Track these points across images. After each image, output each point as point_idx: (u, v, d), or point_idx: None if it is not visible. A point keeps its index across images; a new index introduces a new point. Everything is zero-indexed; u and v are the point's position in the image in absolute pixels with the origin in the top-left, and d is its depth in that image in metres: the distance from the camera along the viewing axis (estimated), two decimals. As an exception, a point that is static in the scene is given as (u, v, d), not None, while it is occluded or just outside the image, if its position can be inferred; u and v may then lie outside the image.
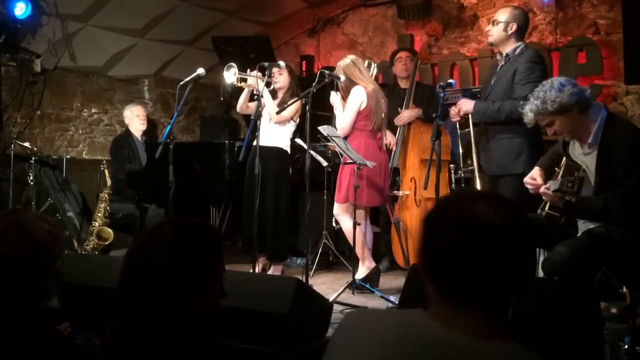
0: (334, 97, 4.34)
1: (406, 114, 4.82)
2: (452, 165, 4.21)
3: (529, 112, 2.93)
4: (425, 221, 1.19)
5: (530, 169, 3.68)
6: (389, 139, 4.83)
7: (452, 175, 4.30)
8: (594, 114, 2.92)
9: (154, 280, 1.29)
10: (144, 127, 5.87)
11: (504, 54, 3.79)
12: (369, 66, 4.77)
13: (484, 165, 3.80)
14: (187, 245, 1.34)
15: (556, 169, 3.02)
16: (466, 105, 3.82)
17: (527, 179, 3.10)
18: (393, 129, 4.89)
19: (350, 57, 4.33)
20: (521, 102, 3.52)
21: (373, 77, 4.69)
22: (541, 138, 3.72)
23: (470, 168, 3.93)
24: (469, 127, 3.86)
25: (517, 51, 3.74)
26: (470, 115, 3.82)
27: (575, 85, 2.90)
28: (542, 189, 2.91)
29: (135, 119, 5.83)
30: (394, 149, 4.83)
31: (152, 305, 1.29)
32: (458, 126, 3.99)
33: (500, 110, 3.63)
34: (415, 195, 4.73)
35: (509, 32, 3.74)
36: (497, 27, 3.76)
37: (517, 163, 3.62)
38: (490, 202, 1.16)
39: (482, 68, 6.03)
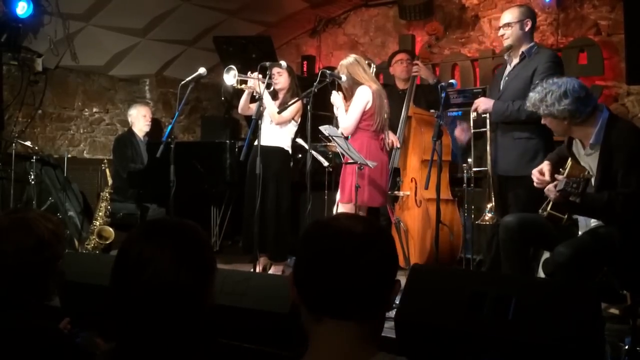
0: (335, 97, 4.33)
1: (423, 66, 4.89)
2: (464, 165, 4.19)
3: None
4: (301, 238, 1.26)
5: None
6: (391, 138, 4.84)
7: (464, 175, 4.30)
8: (594, 117, 2.92)
9: (164, 294, 1.28)
10: (148, 128, 5.86)
11: (519, 52, 3.76)
12: (369, 66, 4.77)
13: (497, 165, 3.78)
14: (190, 254, 1.33)
15: (561, 169, 3.03)
16: (485, 104, 3.78)
17: (535, 172, 3.08)
18: (394, 129, 4.89)
19: (353, 56, 4.33)
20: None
21: (373, 78, 4.69)
22: (553, 139, 3.69)
23: (484, 169, 3.91)
24: (485, 127, 3.84)
25: (534, 50, 3.74)
26: (488, 115, 3.80)
27: (578, 99, 2.86)
28: (548, 188, 2.91)
29: (141, 119, 5.82)
30: (395, 146, 4.82)
31: (158, 312, 1.29)
32: (472, 124, 3.96)
33: (520, 110, 3.55)
34: (415, 195, 4.74)
35: (526, 29, 3.74)
36: (513, 28, 3.73)
37: (533, 165, 3.50)
38: (353, 217, 1.26)
39: (483, 69, 6.04)
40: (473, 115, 3.90)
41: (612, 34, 5.49)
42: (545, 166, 3.08)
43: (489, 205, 3.78)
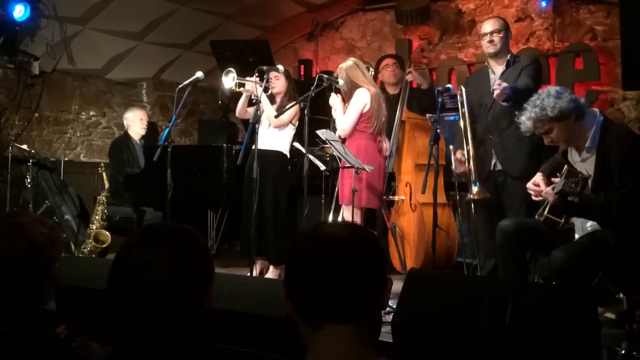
0: (334, 99, 4.33)
1: (416, 72, 4.96)
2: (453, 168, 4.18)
3: (527, 121, 2.97)
4: (290, 251, 1.29)
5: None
6: (384, 145, 4.83)
7: (456, 180, 4.30)
8: (589, 121, 2.96)
9: (163, 299, 1.28)
10: (144, 131, 5.84)
11: (505, 60, 3.90)
12: (367, 70, 4.78)
13: (505, 167, 3.80)
14: (188, 259, 1.33)
15: (558, 174, 3.04)
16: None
17: (530, 185, 3.11)
18: (387, 134, 4.88)
19: (352, 59, 4.35)
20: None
21: (371, 81, 4.70)
22: None
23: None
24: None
25: (515, 58, 3.95)
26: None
27: (571, 93, 2.97)
28: (546, 191, 2.92)
29: (137, 122, 5.80)
30: (387, 154, 4.82)
31: (158, 318, 1.28)
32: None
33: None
34: (410, 200, 4.73)
35: (509, 38, 3.99)
36: (500, 35, 3.90)
37: (540, 162, 3.51)
38: (336, 224, 1.31)
39: (480, 73, 6.05)
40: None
41: (608, 39, 5.51)
42: (538, 178, 3.09)
43: (472, 179, 3.73)
